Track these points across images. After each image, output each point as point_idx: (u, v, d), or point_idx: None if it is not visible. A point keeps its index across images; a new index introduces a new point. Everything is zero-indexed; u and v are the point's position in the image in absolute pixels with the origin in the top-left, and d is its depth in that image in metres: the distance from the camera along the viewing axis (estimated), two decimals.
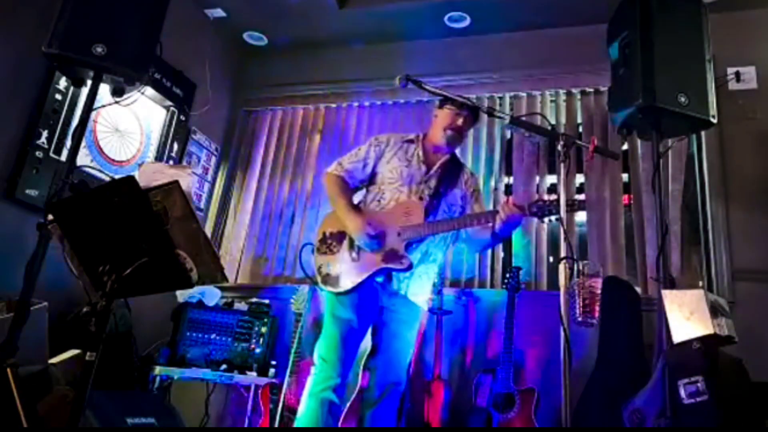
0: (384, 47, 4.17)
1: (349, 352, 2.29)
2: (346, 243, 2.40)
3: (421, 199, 2.42)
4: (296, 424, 2.31)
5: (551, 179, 3.61)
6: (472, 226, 2.32)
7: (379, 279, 2.36)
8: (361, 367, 3.00)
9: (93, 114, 2.50)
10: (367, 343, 2.51)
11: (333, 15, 3.95)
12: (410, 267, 2.30)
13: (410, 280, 2.39)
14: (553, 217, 2.14)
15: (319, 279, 2.42)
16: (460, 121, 2.49)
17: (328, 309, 2.39)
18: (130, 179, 1.53)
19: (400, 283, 2.38)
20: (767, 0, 3.42)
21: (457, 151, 3.76)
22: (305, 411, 2.25)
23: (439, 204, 2.45)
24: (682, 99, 2.26)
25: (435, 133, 2.56)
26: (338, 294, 2.35)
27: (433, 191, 2.46)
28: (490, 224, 2.24)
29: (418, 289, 2.43)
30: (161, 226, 1.52)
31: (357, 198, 2.63)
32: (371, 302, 2.36)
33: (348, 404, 2.96)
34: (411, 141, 2.58)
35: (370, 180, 2.56)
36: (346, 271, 2.35)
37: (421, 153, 2.53)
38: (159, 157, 3.69)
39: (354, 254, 2.36)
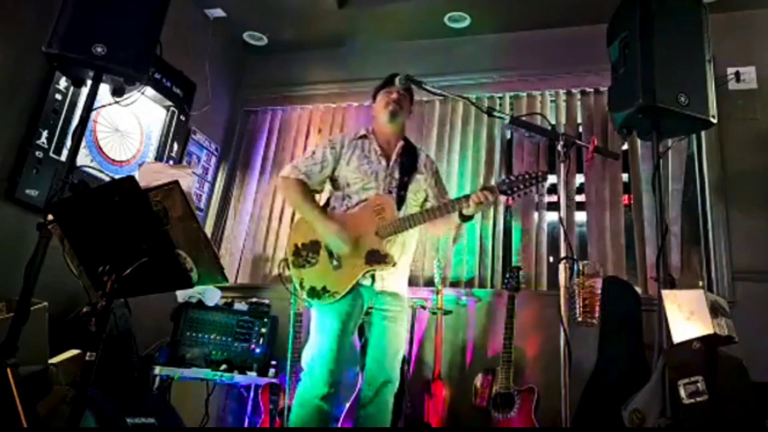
0: (384, 47, 4.17)
1: (339, 360, 2.25)
2: (323, 252, 2.34)
3: (390, 192, 2.42)
4: None
5: (551, 179, 3.61)
6: (447, 214, 2.32)
7: (366, 283, 2.33)
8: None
9: (93, 114, 2.50)
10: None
11: (333, 15, 3.95)
12: (395, 264, 2.30)
13: (394, 274, 2.39)
14: (522, 193, 2.24)
15: (303, 294, 2.35)
16: (394, 95, 2.53)
17: (315, 319, 2.35)
18: (130, 179, 1.53)
19: (384, 280, 2.37)
20: (767, 0, 3.42)
21: (457, 150, 3.80)
22: (295, 421, 2.24)
23: (407, 193, 2.46)
24: (682, 99, 2.26)
25: (379, 119, 2.58)
26: (327, 305, 2.30)
27: (398, 182, 2.45)
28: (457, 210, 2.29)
29: (402, 279, 2.45)
30: (161, 226, 1.52)
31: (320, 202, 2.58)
32: (358, 306, 2.34)
33: (347, 404, 2.96)
34: (364, 136, 2.56)
35: (333, 185, 2.53)
36: (332, 280, 2.30)
37: (377, 147, 2.52)
38: (159, 157, 3.69)
39: (335, 262, 2.31)
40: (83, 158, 3.18)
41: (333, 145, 2.53)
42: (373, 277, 2.34)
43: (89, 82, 2.44)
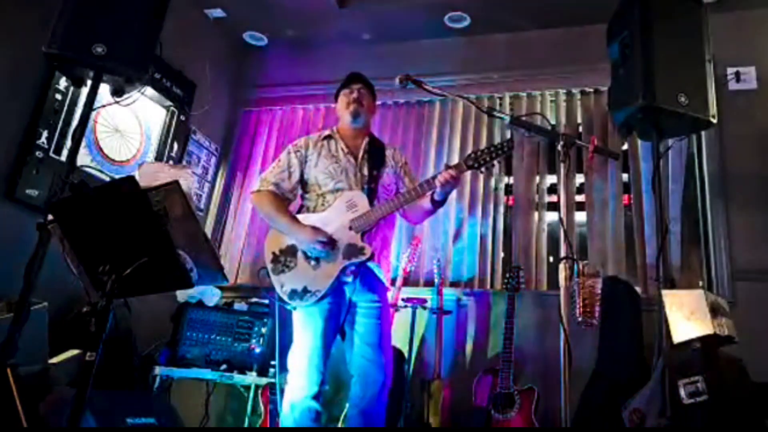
0: (384, 47, 4.17)
1: (326, 359, 2.28)
2: (300, 255, 2.36)
3: (362, 188, 2.43)
4: None
5: (551, 179, 3.61)
6: (417, 198, 2.34)
7: (348, 279, 2.34)
8: None
9: (93, 114, 2.50)
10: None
11: (333, 15, 3.96)
12: (373, 255, 2.31)
13: (379, 267, 2.40)
14: (489, 165, 2.26)
15: (285, 298, 2.35)
16: (354, 95, 2.56)
17: (298, 321, 2.36)
18: (130, 179, 1.53)
19: (366, 275, 2.37)
20: (767, 0, 3.42)
21: (457, 150, 3.80)
22: (288, 423, 2.25)
23: (378, 187, 2.47)
24: (682, 99, 2.26)
25: (342, 118, 2.61)
26: (310, 305, 2.31)
27: (368, 177, 2.47)
28: (429, 193, 2.32)
29: (386, 274, 2.48)
30: (161, 226, 1.52)
31: (294, 208, 2.58)
32: (341, 304, 2.34)
33: (347, 404, 2.96)
34: (329, 136, 2.58)
35: (304, 188, 2.54)
36: (311, 280, 2.31)
37: (343, 145, 2.53)
38: (159, 157, 3.69)
39: (313, 262, 2.33)
40: (83, 158, 3.17)
41: (297, 149, 2.56)
42: (354, 273, 2.34)
43: (89, 82, 2.43)
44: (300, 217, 2.44)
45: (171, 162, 3.76)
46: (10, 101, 2.85)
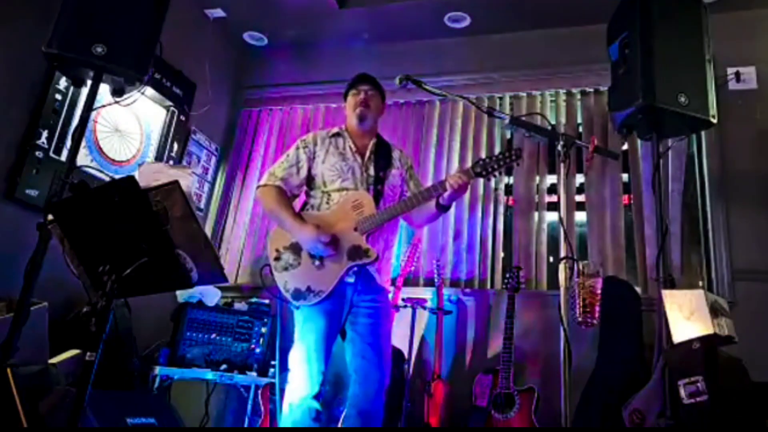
0: (384, 47, 4.17)
1: (325, 358, 2.27)
2: (304, 254, 2.34)
3: (367, 188, 2.41)
4: None
5: (551, 179, 3.62)
6: (424, 202, 2.32)
7: (351, 279, 2.32)
8: None
9: (93, 114, 2.49)
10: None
11: (333, 15, 3.96)
12: (377, 258, 2.29)
13: (378, 270, 2.38)
14: (497, 173, 2.24)
15: (288, 296, 2.34)
16: (361, 96, 2.54)
17: (300, 321, 2.35)
18: (130, 179, 1.53)
19: (368, 276, 2.36)
20: (767, 0, 3.42)
21: (457, 150, 3.81)
22: (288, 423, 2.25)
23: (384, 188, 2.45)
24: (682, 99, 2.25)
25: (350, 118, 2.59)
26: (313, 305, 2.29)
27: (374, 178, 2.45)
28: (434, 197, 2.30)
29: (386, 275, 2.46)
30: (161, 226, 1.52)
31: (298, 203, 2.56)
32: (343, 304, 2.33)
33: (347, 404, 2.96)
34: (338, 134, 2.56)
35: (309, 184, 2.51)
36: (315, 280, 2.29)
37: (351, 144, 2.52)
38: (159, 157, 3.69)
39: (317, 262, 2.31)
40: (83, 158, 3.18)
41: (306, 144, 2.53)
42: (356, 273, 2.33)
43: (89, 82, 2.43)
44: (304, 215, 2.42)
45: (171, 162, 3.76)
46: (11, 101, 2.85)
